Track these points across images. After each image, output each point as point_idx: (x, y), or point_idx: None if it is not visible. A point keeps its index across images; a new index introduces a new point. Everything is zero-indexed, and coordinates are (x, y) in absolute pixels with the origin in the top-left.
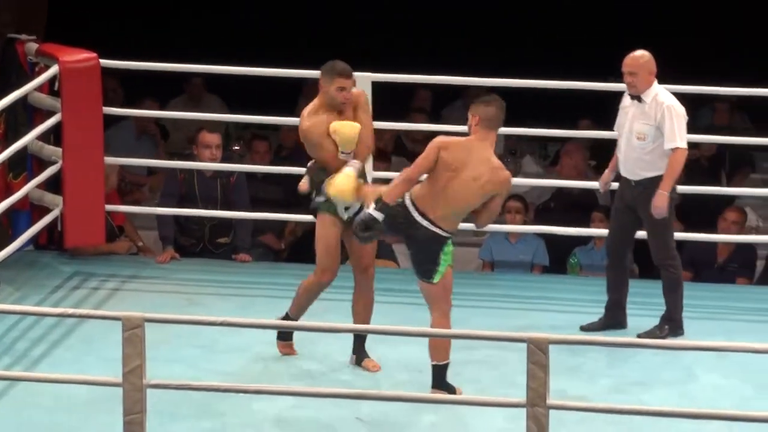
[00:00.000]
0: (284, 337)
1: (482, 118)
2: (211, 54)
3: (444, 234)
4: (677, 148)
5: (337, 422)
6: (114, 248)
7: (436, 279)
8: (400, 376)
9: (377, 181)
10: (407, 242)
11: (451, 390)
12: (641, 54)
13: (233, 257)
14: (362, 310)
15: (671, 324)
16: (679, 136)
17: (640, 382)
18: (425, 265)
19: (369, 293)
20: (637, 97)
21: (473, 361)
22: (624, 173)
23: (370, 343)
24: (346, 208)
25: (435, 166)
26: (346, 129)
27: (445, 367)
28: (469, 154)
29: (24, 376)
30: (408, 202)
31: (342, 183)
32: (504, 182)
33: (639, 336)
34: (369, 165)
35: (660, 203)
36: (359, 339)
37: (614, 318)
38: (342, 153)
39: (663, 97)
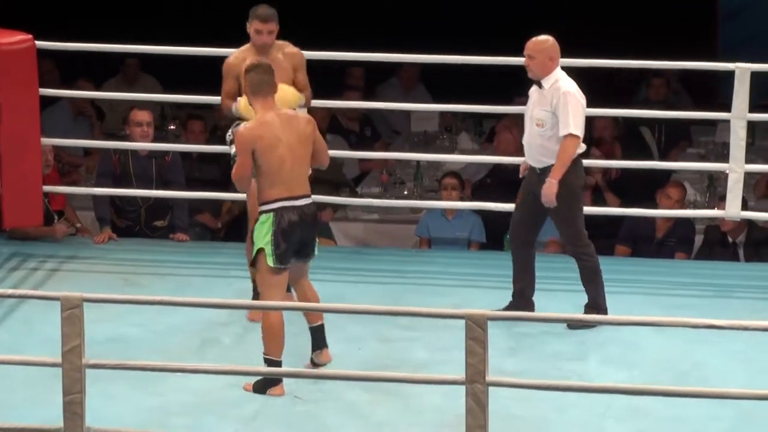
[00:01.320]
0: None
1: (250, 87)
2: (146, 34)
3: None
4: (569, 135)
5: (274, 400)
6: (50, 232)
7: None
8: (333, 352)
9: None
10: (301, 239)
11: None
12: (543, 38)
13: (170, 237)
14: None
15: (597, 312)
16: (573, 122)
17: (579, 358)
18: (313, 241)
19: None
20: (538, 83)
21: (411, 338)
22: (528, 160)
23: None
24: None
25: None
26: (289, 95)
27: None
28: (272, 128)
29: None
30: (275, 204)
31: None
32: (311, 124)
33: (569, 326)
34: None
35: (548, 191)
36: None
37: (519, 308)
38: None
39: (562, 83)
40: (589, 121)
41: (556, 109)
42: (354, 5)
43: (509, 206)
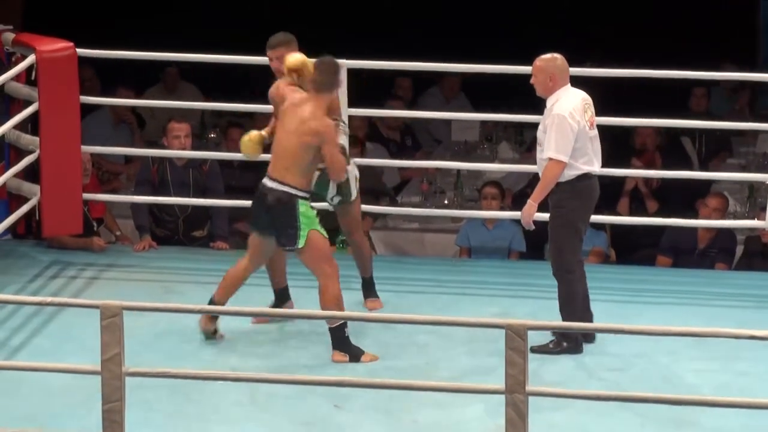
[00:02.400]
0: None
1: (312, 80)
2: (186, 42)
3: (293, 192)
4: (551, 159)
5: (315, 409)
6: (88, 244)
7: (301, 243)
8: (375, 364)
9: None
10: (268, 219)
11: (355, 351)
12: (546, 57)
13: (210, 245)
14: (359, 257)
15: (568, 341)
16: (555, 146)
17: (619, 369)
18: (286, 230)
19: (359, 250)
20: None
21: (452, 347)
22: None
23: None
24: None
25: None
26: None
27: (342, 327)
28: (293, 108)
29: (3, 365)
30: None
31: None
32: (316, 131)
33: (532, 350)
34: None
35: (524, 212)
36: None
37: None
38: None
39: (558, 104)
40: (630, 131)
41: (547, 131)
42: (397, 16)
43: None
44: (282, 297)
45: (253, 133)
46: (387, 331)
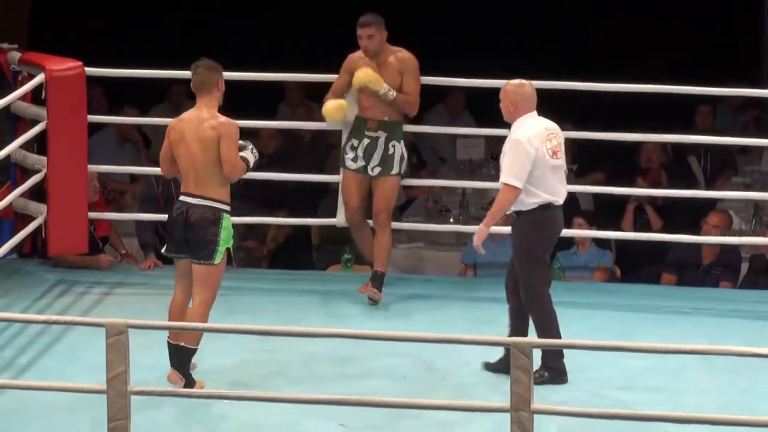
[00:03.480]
0: None
1: (192, 85)
2: (192, 61)
3: (216, 205)
4: (504, 184)
5: (319, 429)
6: (96, 262)
7: (218, 260)
8: (381, 383)
9: None
10: (186, 234)
11: (190, 379)
12: (512, 83)
13: None
14: (376, 249)
15: (550, 372)
16: (510, 170)
17: (624, 387)
18: (206, 246)
19: (380, 236)
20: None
21: (456, 365)
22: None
23: (354, 349)
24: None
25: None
26: (359, 74)
27: (192, 352)
28: (183, 124)
29: (10, 384)
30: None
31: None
32: (211, 128)
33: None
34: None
35: (477, 237)
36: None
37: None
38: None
39: (519, 131)
40: (635, 147)
41: (504, 154)
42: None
43: None
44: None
45: (335, 101)
46: (392, 348)
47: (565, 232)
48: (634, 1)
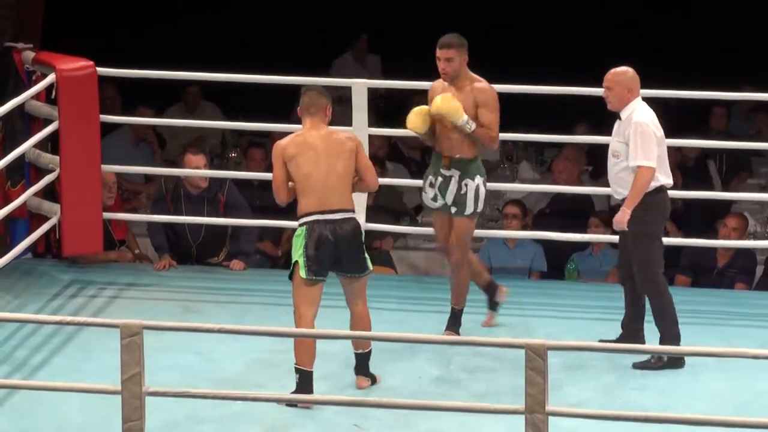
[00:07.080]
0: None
1: (301, 108)
2: (208, 62)
3: (355, 216)
4: (640, 166)
5: (335, 429)
6: (114, 256)
7: (371, 266)
8: (394, 380)
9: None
10: (335, 250)
11: (373, 377)
12: (622, 70)
13: (224, 264)
14: (453, 287)
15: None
16: (642, 153)
17: (639, 388)
18: (358, 257)
19: (456, 275)
20: (618, 115)
21: (472, 367)
22: (612, 192)
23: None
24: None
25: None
26: (438, 101)
27: (369, 354)
28: (309, 142)
29: (23, 384)
30: (309, 218)
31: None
32: (348, 139)
33: (634, 366)
34: None
35: (618, 218)
36: None
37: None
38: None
39: (636, 114)
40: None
41: (628, 139)
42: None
43: (570, 236)
44: (491, 288)
45: (420, 108)
46: (408, 350)
47: (581, 236)
48: (648, 3)
